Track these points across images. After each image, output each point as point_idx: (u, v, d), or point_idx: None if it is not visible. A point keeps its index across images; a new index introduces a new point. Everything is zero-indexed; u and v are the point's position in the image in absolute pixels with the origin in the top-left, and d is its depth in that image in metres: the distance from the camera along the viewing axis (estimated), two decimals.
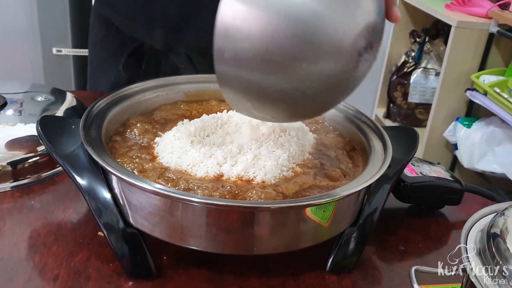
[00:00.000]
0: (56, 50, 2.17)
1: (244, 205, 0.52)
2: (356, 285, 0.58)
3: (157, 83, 0.75)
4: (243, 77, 0.52)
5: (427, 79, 2.33)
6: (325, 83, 0.54)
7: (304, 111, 0.61)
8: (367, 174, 0.58)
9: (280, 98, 0.55)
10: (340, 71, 0.53)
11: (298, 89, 0.53)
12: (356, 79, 0.57)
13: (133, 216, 0.55)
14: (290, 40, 0.49)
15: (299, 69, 0.51)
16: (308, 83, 0.53)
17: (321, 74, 0.53)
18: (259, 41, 0.49)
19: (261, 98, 0.55)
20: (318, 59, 0.52)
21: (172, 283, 0.56)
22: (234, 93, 0.56)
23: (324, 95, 0.56)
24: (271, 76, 0.52)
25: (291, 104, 0.56)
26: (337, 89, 0.57)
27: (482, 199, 0.77)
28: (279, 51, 0.50)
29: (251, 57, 0.50)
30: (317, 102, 0.58)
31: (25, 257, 0.57)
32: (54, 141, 0.59)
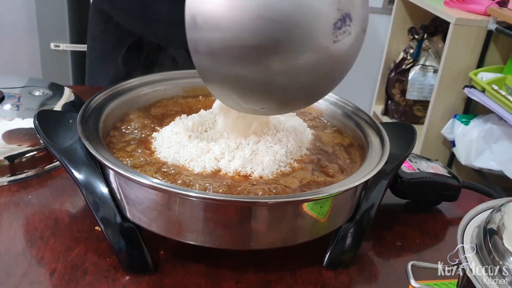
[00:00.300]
0: (54, 45, 2.17)
1: (241, 199, 0.52)
2: (353, 280, 0.58)
3: (155, 78, 0.75)
4: (220, 69, 0.51)
5: (425, 76, 2.34)
6: (305, 66, 0.53)
7: (293, 100, 0.59)
8: (364, 169, 0.58)
9: (262, 87, 0.54)
10: (316, 50, 0.52)
11: (277, 76, 0.52)
12: (341, 58, 0.55)
13: (130, 211, 0.55)
14: (258, 23, 0.48)
15: (274, 54, 0.50)
16: (287, 70, 0.52)
17: (297, 56, 0.51)
18: (227, 27, 0.49)
19: (243, 89, 0.55)
20: (290, 40, 0.50)
21: (169, 278, 0.56)
22: (218, 87, 0.56)
23: (308, 79, 0.55)
24: (247, 64, 0.51)
25: (276, 93, 0.55)
26: (321, 72, 0.55)
27: (479, 195, 0.78)
28: (249, 36, 0.49)
29: (223, 46, 0.50)
30: (303, 89, 0.56)
31: (22, 251, 0.57)
32: (51, 135, 0.59)
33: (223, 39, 0.49)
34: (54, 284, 0.53)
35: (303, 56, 0.51)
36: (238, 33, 0.49)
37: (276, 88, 0.54)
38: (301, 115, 0.75)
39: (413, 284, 0.50)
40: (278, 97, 0.57)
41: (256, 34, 0.49)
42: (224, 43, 0.50)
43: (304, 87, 0.57)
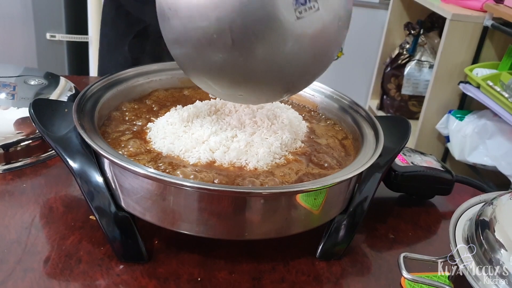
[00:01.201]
0: (49, 36, 2.16)
1: (235, 190, 0.52)
2: (345, 271, 0.59)
3: (151, 69, 0.75)
4: (187, 56, 0.52)
5: (420, 72, 2.34)
6: (268, 47, 0.51)
7: (269, 87, 0.58)
8: (358, 162, 0.59)
9: (230, 71, 0.53)
10: (276, 27, 0.50)
11: (242, 59, 0.51)
12: (312, 40, 0.52)
13: (125, 200, 0.55)
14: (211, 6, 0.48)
15: (232, 35, 0.49)
16: (248, 52, 0.50)
17: (255, 36, 0.50)
18: (185, 13, 0.49)
19: (213, 74, 0.54)
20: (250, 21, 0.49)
21: (163, 267, 0.56)
22: (193, 74, 0.56)
23: (276, 63, 0.53)
24: (208, 49, 0.50)
25: (247, 78, 0.54)
26: (289, 54, 0.53)
27: (472, 189, 0.78)
28: (204, 19, 0.49)
29: (183, 32, 0.50)
30: (274, 75, 0.55)
31: (17, 239, 0.57)
32: (46, 124, 0.59)
33: (183, 24, 0.50)
34: (48, 272, 0.54)
35: (261, 35, 0.50)
36: (194, 18, 0.49)
37: (246, 73, 0.53)
38: (296, 108, 0.75)
39: (405, 275, 0.51)
40: (251, 83, 0.56)
41: (210, 17, 0.49)
42: (184, 29, 0.50)
43: (273, 72, 0.54)
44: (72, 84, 0.88)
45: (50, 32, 2.16)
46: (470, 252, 0.48)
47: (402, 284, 0.58)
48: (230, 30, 0.49)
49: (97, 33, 2.14)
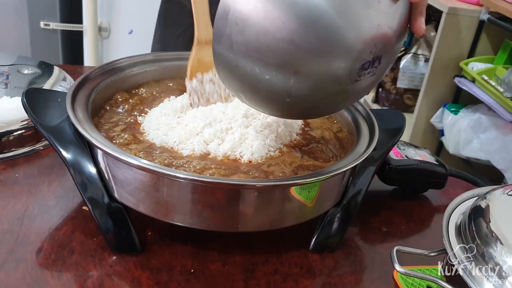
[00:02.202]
0: (43, 24, 2.14)
1: (229, 182, 0.52)
2: (338, 264, 0.59)
3: (145, 59, 0.74)
4: (236, 65, 0.50)
5: (416, 65, 2.34)
6: (316, 94, 0.51)
7: (289, 112, 0.58)
8: (352, 155, 0.59)
9: (264, 97, 0.53)
10: (335, 83, 0.50)
11: (286, 90, 0.50)
12: (354, 92, 0.53)
13: (118, 191, 0.55)
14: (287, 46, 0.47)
15: (291, 75, 0.49)
16: (298, 88, 0.50)
17: (313, 82, 0.50)
18: (255, 34, 0.47)
19: (250, 89, 0.53)
20: (313, 68, 0.48)
21: (156, 258, 0.56)
22: (226, 75, 0.55)
23: (313, 103, 0.54)
24: (260, 75, 0.49)
25: (276, 102, 0.54)
26: (330, 100, 0.54)
27: (465, 183, 0.78)
28: (274, 55, 0.47)
29: (244, 52, 0.48)
30: (304, 108, 0.55)
31: (9, 229, 0.57)
32: (39, 113, 0.58)
33: (246, 46, 0.48)
34: (40, 263, 0.53)
35: (317, 85, 0.50)
36: (262, 48, 0.47)
37: (277, 102, 0.53)
38: None
39: (397, 268, 0.51)
40: (276, 108, 0.56)
41: (280, 55, 0.47)
42: (246, 50, 0.48)
43: (304, 108, 0.55)
44: (65, 74, 0.87)
45: (44, 20, 2.15)
46: (467, 252, 0.49)
47: (394, 277, 0.58)
48: (288, 74, 0.49)
49: (91, 22, 2.13)
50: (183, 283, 0.53)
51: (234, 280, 0.55)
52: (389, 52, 0.52)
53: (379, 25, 0.48)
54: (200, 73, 0.67)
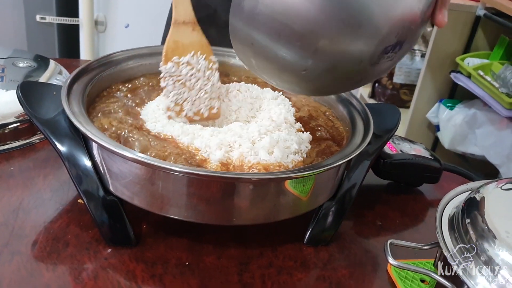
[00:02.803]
0: (39, 18, 2.13)
1: (224, 175, 0.52)
2: (333, 257, 0.59)
3: (142, 52, 0.74)
4: (257, 28, 0.49)
5: (412, 60, 2.34)
6: (334, 70, 0.51)
7: (301, 86, 0.57)
8: (347, 149, 0.59)
9: (280, 69, 0.52)
10: (356, 62, 0.50)
11: (304, 63, 0.50)
12: (370, 75, 0.53)
13: (113, 184, 0.55)
14: (316, 13, 0.46)
15: (314, 46, 0.48)
16: (316, 62, 0.50)
17: (333, 58, 0.49)
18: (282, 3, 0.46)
19: (266, 56, 0.52)
20: (338, 43, 0.48)
21: (151, 251, 0.56)
22: (242, 48, 0.53)
23: (329, 80, 0.53)
24: (281, 44, 0.49)
25: (291, 73, 0.53)
26: (346, 79, 0.54)
27: (460, 178, 0.79)
28: (301, 20, 0.46)
29: (267, 19, 0.47)
30: (319, 83, 0.55)
31: (4, 222, 0.57)
32: (35, 106, 0.58)
33: (273, 7, 0.47)
34: (35, 255, 0.54)
35: (335, 62, 0.50)
36: (290, 12, 0.46)
37: (292, 74, 0.53)
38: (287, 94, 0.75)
39: (391, 261, 0.51)
40: (289, 80, 0.56)
41: (308, 23, 0.46)
42: (271, 11, 0.47)
43: (316, 83, 0.55)
44: (61, 67, 0.87)
45: (40, 14, 2.14)
46: (456, 240, 0.49)
47: (388, 270, 0.58)
48: (317, 47, 0.48)
49: (87, 16, 2.12)
50: (178, 276, 0.54)
51: (229, 273, 0.55)
52: (411, 39, 0.52)
53: (411, 9, 0.48)
54: (177, 56, 0.63)
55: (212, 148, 0.56)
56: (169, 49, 0.63)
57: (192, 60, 0.63)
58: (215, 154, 0.55)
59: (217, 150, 0.56)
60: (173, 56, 0.63)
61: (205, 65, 0.64)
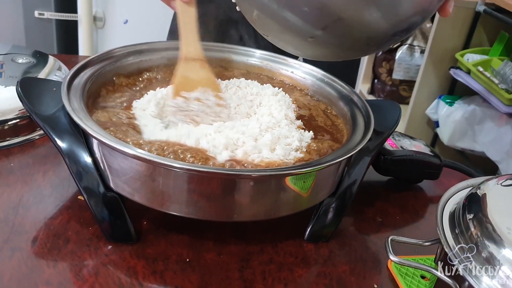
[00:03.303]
0: (38, 13, 2.13)
1: (225, 172, 0.52)
2: (333, 254, 0.59)
3: (142, 48, 0.73)
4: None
5: (412, 56, 2.34)
6: (340, 43, 0.52)
7: (302, 49, 0.57)
8: (348, 146, 0.59)
9: (291, 31, 0.52)
10: (363, 42, 0.51)
11: (313, 31, 0.50)
12: (375, 49, 0.55)
13: (113, 181, 0.55)
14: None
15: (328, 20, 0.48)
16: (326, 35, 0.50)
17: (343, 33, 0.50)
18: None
19: (271, 23, 0.52)
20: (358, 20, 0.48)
21: (152, 248, 0.56)
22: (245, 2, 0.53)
23: (332, 49, 0.54)
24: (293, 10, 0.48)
25: (299, 40, 0.53)
26: (348, 51, 0.56)
27: (460, 174, 0.79)
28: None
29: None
30: (321, 50, 0.55)
31: (4, 218, 0.57)
32: (34, 102, 0.58)
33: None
34: (36, 252, 0.53)
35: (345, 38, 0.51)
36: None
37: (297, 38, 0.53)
38: (287, 89, 0.75)
39: (392, 258, 0.51)
40: (291, 42, 0.56)
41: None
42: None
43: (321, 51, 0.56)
44: (60, 63, 0.87)
45: (39, 9, 2.13)
46: (456, 237, 0.49)
47: (389, 267, 0.58)
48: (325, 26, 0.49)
49: (86, 12, 2.11)
50: (179, 272, 0.53)
51: (230, 269, 0.55)
52: (419, 24, 0.53)
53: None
54: (186, 91, 0.63)
55: (219, 148, 0.55)
56: (178, 84, 0.63)
57: (201, 96, 0.63)
58: (222, 154, 0.55)
59: (224, 150, 0.55)
60: (182, 90, 0.63)
61: (215, 102, 0.64)
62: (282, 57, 0.79)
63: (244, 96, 0.69)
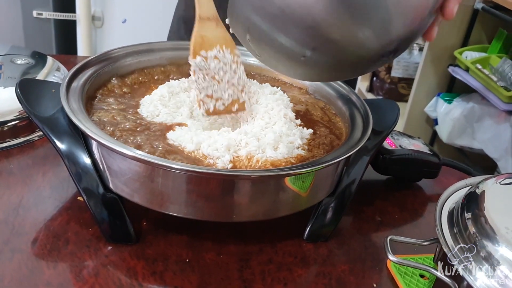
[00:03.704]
0: (36, 13, 2.12)
1: (224, 173, 0.52)
2: (332, 253, 0.59)
3: (140, 48, 0.74)
4: (254, 21, 0.50)
5: (410, 54, 2.35)
6: (331, 62, 0.52)
7: (297, 71, 0.58)
8: (346, 145, 0.59)
9: (282, 52, 0.53)
10: (356, 59, 0.52)
11: (304, 52, 0.50)
12: (364, 70, 0.57)
13: (113, 182, 0.55)
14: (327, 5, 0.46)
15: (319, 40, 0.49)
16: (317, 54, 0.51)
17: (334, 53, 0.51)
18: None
19: (263, 44, 0.53)
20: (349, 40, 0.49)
21: (151, 248, 0.56)
22: (240, 27, 0.54)
23: (324, 69, 0.55)
24: (282, 33, 0.49)
25: (290, 60, 0.54)
26: (340, 72, 0.56)
27: (459, 173, 0.79)
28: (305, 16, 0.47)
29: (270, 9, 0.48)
30: (314, 70, 0.56)
31: (4, 220, 0.57)
32: (33, 104, 0.58)
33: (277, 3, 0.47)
34: (35, 253, 0.54)
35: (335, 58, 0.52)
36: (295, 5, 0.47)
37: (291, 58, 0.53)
38: (286, 87, 0.75)
39: (390, 258, 0.51)
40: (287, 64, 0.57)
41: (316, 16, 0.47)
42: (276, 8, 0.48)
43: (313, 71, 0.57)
44: (59, 64, 0.87)
45: (37, 9, 2.13)
46: (455, 236, 0.49)
47: (388, 266, 0.58)
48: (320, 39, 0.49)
49: (84, 12, 2.11)
50: (179, 273, 0.54)
51: (229, 270, 0.55)
52: (408, 44, 0.54)
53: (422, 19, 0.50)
54: (204, 50, 0.64)
55: (220, 151, 0.55)
56: (196, 44, 0.64)
57: (218, 54, 0.64)
58: (225, 157, 0.55)
59: (226, 152, 0.55)
60: (201, 50, 0.64)
61: (231, 59, 0.65)
62: None
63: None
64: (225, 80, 0.64)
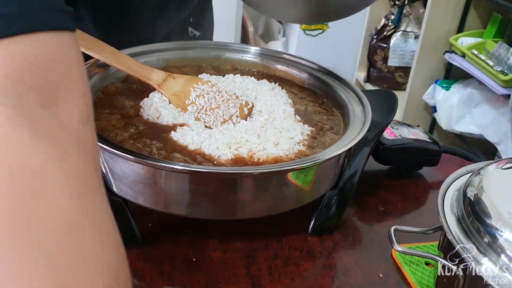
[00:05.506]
0: None
1: (226, 171, 0.52)
2: (337, 245, 0.60)
3: (137, 50, 0.73)
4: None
5: (406, 42, 2.34)
6: None
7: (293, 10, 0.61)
8: (347, 137, 0.59)
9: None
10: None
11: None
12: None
13: (116, 185, 0.56)
14: None
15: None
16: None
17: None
18: None
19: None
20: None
21: (158, 249, 0.57)
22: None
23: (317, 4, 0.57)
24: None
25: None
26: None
27: (459, 159, 0.79)
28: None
29: None
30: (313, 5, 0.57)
31: None
32: None
33: None
34: None
35: None
36: None
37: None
38: (282, 82, 0.75)
39: (396, 248, 0.52)
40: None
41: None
42: None
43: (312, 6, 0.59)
44: None
45: None
46: (458, 223, 0.50)
47: (393, 255, 0.59)
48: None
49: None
50: (186, 272, 0.54)
51: (236, 267, 0.55)
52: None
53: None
54: (187, 100, 0.65)
55: (221, 149, 0.56)
56: (177, 102, 0.65)
57: (198, 93, 0.66)
58: (226, 154, 0.55)
59: (227, 150, 0.56)
60: (184, 102, 0.65)
61: (208, 87, 0.67)
62: (277, 52, 0.79)
63: (243, 92, 0.69)
64: (221, 101, 0.65)
